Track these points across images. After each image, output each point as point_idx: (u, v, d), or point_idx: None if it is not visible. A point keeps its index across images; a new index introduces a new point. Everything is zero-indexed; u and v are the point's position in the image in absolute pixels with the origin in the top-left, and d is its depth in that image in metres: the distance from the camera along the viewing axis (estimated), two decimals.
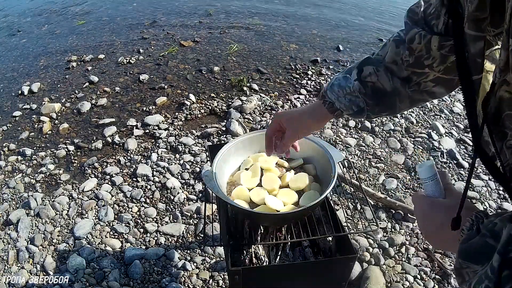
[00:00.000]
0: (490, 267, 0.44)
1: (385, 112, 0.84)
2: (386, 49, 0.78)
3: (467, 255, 0.49)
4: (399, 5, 6.23)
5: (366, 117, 0.85)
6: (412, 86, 0.76)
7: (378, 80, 0.78)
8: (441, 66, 0.68)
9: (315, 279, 1.20)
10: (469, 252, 0.48)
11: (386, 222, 2.17)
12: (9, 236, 2.09)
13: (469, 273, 0.49)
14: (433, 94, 0.78)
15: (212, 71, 3.80)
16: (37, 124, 3.09)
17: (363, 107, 0.82)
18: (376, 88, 0.79)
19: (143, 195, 2.34)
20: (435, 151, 2.72)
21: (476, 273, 0.47)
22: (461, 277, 0.50)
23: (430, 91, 0.76)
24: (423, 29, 0.67)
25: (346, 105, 0.83)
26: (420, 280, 1.87)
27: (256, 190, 1.14)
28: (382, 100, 0.80)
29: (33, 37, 4.93)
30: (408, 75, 0.75)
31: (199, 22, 5.15)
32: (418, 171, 0.63)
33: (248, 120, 3.02)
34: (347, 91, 0.81)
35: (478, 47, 0.52)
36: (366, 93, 0.80)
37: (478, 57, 0.52)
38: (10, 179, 2.52)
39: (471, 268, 0.48)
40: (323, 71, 3.81)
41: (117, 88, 3.54)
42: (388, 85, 0.78)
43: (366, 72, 0.79)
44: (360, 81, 0.80)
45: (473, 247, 0.48)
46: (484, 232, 0.47)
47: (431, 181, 0.61)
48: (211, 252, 1.98)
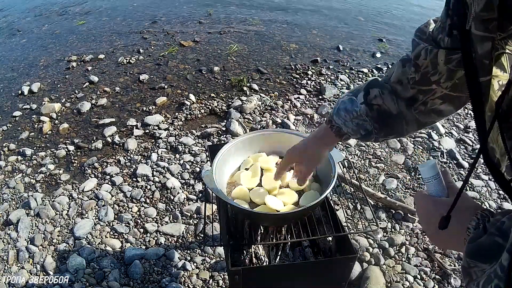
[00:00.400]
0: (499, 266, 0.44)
1: (392, 135, 0.83)
2: (392, 69, 0.77)
3: (475, 254, 0.48)
4: (399, 5, 6.23)
5: (374, 139, 0.84)
6: (418, 106, 0.74)
7: (384, 103, 0.77)
8: (448, 82, 0.67)
9: (315, 279, 1.20)
10: (477, 251, 0.48)
11: (386, 222, 2.17)
12: (9, 236, 2.09)
13: (477, 272, 0.48)
14: (441, 113, 0.75)
15: (212, 71, 3.80)
16: (37, 124, 3.09)
17: (370, 130, 0.81)
18: (382, 111, 0.78)
19: (143, 195, 2.34)
20: (435, 151, 2.72)
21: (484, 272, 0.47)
22: (469, 276, 0.50)
23: (438, 110, 0.74)
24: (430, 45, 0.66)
25: (354, 129, 0.82)
26: (420, 280, 1.87)
27: (256, 190, 1.14)
28: (388, 123, 0.79)
29: (33, 37, 4.93)
30: (414, 94, 0.73)
31: (199, 22, 5.15)
32: (421, 170, 0.63)
33: (248, 120, 3.02)
34: (354, 115, 0.80)
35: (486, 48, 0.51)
36: (373, 116, 0.79)
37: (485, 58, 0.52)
38: (10, 179, 2.52)
39: (479, 267, 0.48)
40: (323, 71, 3.81)
41: (117, 88, 3.54)
42: (393, 107, 0.77)
43: (372, 95, 0.78)
44: (366, 104, 0.79)
45: (481, 246, 0.48)
46: (492, 231, 0.47)
47: (434, 180, 0.61)
48: (211, 252, 1.98)
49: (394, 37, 4.85)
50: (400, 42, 4.69)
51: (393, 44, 4.62)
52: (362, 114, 0.79)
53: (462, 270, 0.51)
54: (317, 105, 3.24)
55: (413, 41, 0.71)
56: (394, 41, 4.70)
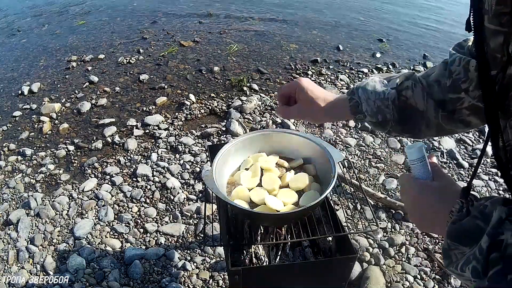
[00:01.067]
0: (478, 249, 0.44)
1: (407, 133, 0.80)
2: (434, 69, 0.75)
3: (456, 236, 0.49)
4: (399, 5, 6.23)
5: (387, 132, 0.80)
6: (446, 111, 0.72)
7: (413, 96, 0.74)
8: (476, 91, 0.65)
9: (315, 279, 1.20)
10: (458, 233, 0.48)
11: (386, 222, 2.17)
12: (9, 236, 2.09)
13: (457, 255, 0.49)
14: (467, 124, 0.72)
15: (212, 71, 3.80)
16: (37, 124, 3.09)
17: (389, 119, 0.77)
18: (408, 104, 0.75)
19: (143, 195, 2.34)
20: (435, 151, 2.72)
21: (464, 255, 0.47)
22: (449, 258, 0.50)
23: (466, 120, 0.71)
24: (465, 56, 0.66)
25: (373, 111, 0.77)
26: (420, 280, 1.87)
27: (256, 190, 1.14)
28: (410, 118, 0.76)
29: (33, 37, 4.93)
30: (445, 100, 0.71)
31: (199, 22, 5.15)
32: (407, 152, 0.62)
33: (248, 120, 3.02)
34: (380, 96, 0.76)
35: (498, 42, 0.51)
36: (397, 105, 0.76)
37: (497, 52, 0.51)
38: (10, 179, 2.51)
39: (460, 249, 0.48)
40: (323, 71, 3.81)
41: (117, 88, 3.54)
42: (421, 104, 0.74)
43: (404, 85, 0.76)
44: (397, 91, 0.75)
45: (462, 228, 0.48)
46: (475, 214, 0.47)
47: (420, 163, 0.61)
48: (211, 252, 1.98)
49: (394, 37, 4.85)
50: (400, 42, 4.69)
51: (393, 44, 4.62)
52: (389, 98, 0.75)
53: (443, 251, 0.51)
54: None
55: (450, 52, 0.71)
56: (394, 41, 4.70)
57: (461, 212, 0.50)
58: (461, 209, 0.50)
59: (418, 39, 4.83)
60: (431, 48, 4.55)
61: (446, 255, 0.51)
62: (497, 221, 0.44)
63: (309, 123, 3.01)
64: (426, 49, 4.48)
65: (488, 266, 0.43)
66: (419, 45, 4.62)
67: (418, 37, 4.88)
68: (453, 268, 0.50)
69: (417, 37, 4.88)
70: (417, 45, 4.63)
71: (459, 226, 0.48)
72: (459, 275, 0.49)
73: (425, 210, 0.58)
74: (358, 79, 3.72)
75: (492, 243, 0.43)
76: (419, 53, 4.38)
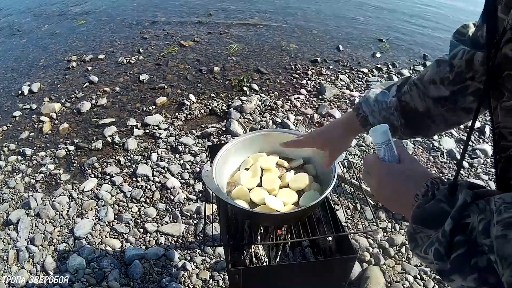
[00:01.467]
0: (442, 231, 0.44)
1: (418, 134, 0.82)
2: (427, 69, 0.75)
3: (421, 220, 0.48)
4: (399, 5, 6.23)
5: (398, 137, 0.82)
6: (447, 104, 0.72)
7: (412, 100, 0.76)
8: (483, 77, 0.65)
9: (315, 279, 1.20)
10: (423, 217, 0.48)
11: (386, 222, 2.17)
12: (9, 236, 2.09)
13: (423, 238, 0.48)
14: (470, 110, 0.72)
15: (212, 71, 3.80)
16: (37, 124, 3.09)
17: (397, 126, 0.79)
18: (409, 108, 0.77)
19: (143, 195, 2.34)
20: (435, 151, 2.72)
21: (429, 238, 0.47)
22: (415, 242, 0.50)
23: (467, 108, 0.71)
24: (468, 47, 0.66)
25: (380, 122, 0.79)
26: (420, 280, 1.87)
27: (256, 190, 1.14)
28: (415, 121, 0.78)
29: (33, 37, 4.93)
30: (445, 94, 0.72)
31: (199, 22, 5.15)
32: (372, 136, 0.62)
33: (248, 120, 3.02)
34: (383, 106, 0.79)
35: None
36: (401, 111, 0.78)
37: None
38: (10, 179, 2.51)
39: (425, 233, 0.48)
40: (323, 71, 3.81)
41: (117, 88, 3.54)
42: (420, 105, 0.75)
43: (402, 90, 0.77)
44: (398, 98, 0.77)
45: (427, 212, 0.47)
46: (440, 197, 0.47)
47: (386, 146, 0.60)
48: (211, 252, 1.98)
49: (394, 37, 4.85)
50: (400, 42, 4.69)
51: (393, 44, 4.62)
52: (391, 106, 0.78)
53: (408, 235, 0.51)
54: (317, 105, 3.24)
55: (451, 42, 0.70)
56: (394, 41, 4.70)
57: (426, 196, 0.49)
58: (426, 193, 0.50)
59: (418, 39, 4.83)
60: (431, 48, 4.55)
61: (411, 239, 0.50)
62: (461, 204, 0.44)
63: (309, 123, 3.01)
64: (426, 49, 4.48)
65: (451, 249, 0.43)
66: (419, 45, 4.61)
67: (418, 37, 4.88)
68: (418, 251, 0.49)
69: (417, 37, 4.87)
70: (417, 45, 4.63)
71: (424, 210, 0.48)
72: (423, 258, 0.48)
73: (391, 193, 0.58)
74: (358, 79, 3.72)
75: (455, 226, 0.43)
76: (419, 53, 4.38)
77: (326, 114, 3.09)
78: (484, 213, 0.41)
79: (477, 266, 0.41)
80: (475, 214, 0.42)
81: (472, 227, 0.42)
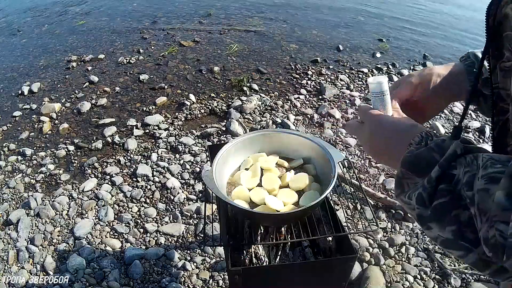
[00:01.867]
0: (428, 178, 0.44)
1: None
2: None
3: (410, 165, 0.48)
4: (399, 5, 6.23)
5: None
6: None
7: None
8: None
9: (315, 279, 1.20)
10: (412, 162, 0.48)
11: (386, 222, 2.17)
12: (9, 236, 2.09)
13: (409, 184, 0.48)
14: None
15: (212, 71, 3.80)
16: (37, 124, 3.09)
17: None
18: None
19: (143, 195, 2.34)
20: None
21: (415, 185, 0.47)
22: (401, 187, 0.50)
23: None
24: None
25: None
26: (420, 280, 1.87)
27: (256, 190, 1.14)
28: None
29: (33, 37, 4.93)
30: None
31: (199, 22, 5.15)
32: (370, 84, 0.61)
33: (248, 120, 3.02)
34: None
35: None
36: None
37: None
38: (10, 179, 2.51)
39: (412, 179, 0.48)
40: (323, 71, 3.81)
41: (117, 88, 3.54)
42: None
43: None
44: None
45: (417, 158, 0.47)
46: (432, 146, 0.47)
47: (382, 96, 0.59)
48: (211, 252, 1.98)
49: (394, 37, 4.85)
50: (400, 42, 4.69)
51: (393, 44, 4.62)
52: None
53: (396, 179, 0.51)
54: (317, 105, 3.24)
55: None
56: (394, 41, 4.70)
57: (419, 145, 0.49)
58: (420, 142, 0.49)
59: (418, 39, 4.83)
60: (431, 48, 4.55)
61: (398, 184, 0.50)
62: (451, 154, 0.44)
63: (309, 123, 3.01)
64: (426, 49, 4.48)
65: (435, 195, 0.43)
66: (419, 45, 4.62)
67: (418, 37, 4.88)
68: (402, 197, 0.49)
69: (417, 37, 4.88)
70: (417, 45, 4.63)
71: (414, 156, 0.48)
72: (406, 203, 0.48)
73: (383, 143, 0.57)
74: (358, 79, 3.72)
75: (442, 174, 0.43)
76: (419, 53, 4.38)
77: (326, 114, 3.09)
78: (470, 166, 0.41)
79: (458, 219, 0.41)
80: (461, 166, 0.42)
81: (457, 179, 0.42)
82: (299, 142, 1.25)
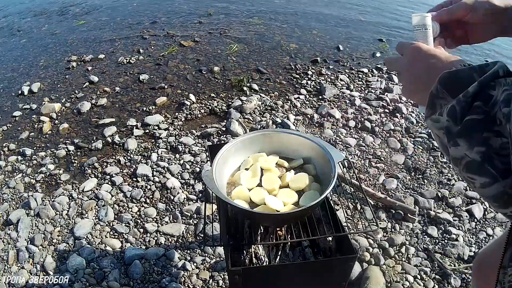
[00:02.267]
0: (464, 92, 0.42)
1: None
2: None
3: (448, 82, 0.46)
4: (399, 5, 6.23)
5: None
6: None
7: None
8: None
9: (315, 279, 1.20)
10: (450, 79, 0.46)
11: (386, 222, 2.17)
12: (9, 236, 2.09)
13: (442, 105, 0.46)
14: None
15: (212, 71, 3.80)
16: (37, 124, 3.09)
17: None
18: None
19: (143, 195, 2.34)
20: (435, 151, 2.72)
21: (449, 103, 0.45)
22: (433, 108, 0.48)
23: None
24: None
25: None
26: (420, 280, 1.87)
27: (256, 190, 1.14)
28: None
29: (33, 37, 4.93)
30: None
31: (199, 22, 5.15)
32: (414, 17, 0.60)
33: (248, 120, 3.02)
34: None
35: None
36: None
37: None
38: (10, 179, 2.51)
39: (446, 99, 0.46)
40: (323, 71, 3.81)
41: (117, 88, 3.54)
42: None
43: None
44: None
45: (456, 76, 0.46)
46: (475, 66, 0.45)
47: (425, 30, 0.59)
48: (211, 252, 1.98)
49: (394, 37, 4.85)
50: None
51: (393, 44, 4.62)
52: None
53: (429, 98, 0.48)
54: (317, 105, 3.24)
55: None
56: (394, 41, 4.70)
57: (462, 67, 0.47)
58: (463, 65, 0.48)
59: None
60: None
61: (430, 103, 0.48)
62: (492, 73, 0.42)
63: (309, 123, 3.01)
64: None
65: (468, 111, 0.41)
66: None
67: None
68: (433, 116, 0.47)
69: None
70: None
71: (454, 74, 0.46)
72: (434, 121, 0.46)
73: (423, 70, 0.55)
74: (358, 79, 3.72)
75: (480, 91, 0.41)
76: None
77: (326, 114, 3.09)
78: (509, 86, 0.39)
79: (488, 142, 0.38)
80: (500, 86, 0.40)
81: (494, 100, 0.40)
82: (299, 142, 1.26)
